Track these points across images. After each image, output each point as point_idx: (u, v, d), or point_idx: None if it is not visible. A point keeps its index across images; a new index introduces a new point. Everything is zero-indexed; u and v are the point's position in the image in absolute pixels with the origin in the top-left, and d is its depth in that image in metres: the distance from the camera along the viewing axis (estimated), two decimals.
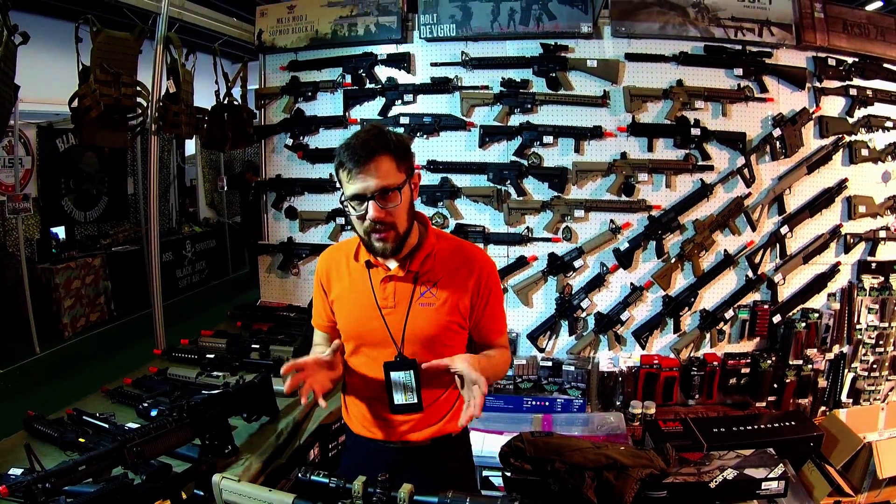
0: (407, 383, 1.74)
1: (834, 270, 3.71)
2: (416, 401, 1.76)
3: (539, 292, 3.79)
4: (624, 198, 3.64)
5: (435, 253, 1.80)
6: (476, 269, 1.81)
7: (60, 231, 7.39)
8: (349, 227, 3.89)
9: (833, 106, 3.67)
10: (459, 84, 3.70)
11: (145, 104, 3.33)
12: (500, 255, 3.77)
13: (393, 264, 1.79)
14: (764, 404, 3.66)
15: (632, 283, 3.70)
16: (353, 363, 1.87)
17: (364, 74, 3.81)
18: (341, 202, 1.68)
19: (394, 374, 1.75)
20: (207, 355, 2.95)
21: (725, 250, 3.67)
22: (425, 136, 3.75)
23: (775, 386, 3.66)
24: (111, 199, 8.26)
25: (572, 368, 3.69)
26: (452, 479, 1.80)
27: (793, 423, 3.19)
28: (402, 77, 3.80)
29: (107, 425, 2.22)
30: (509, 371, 3.56)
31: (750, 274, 3.69)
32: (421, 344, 1.76)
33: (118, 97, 3.11)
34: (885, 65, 3.71)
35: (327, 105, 3.92)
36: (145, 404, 2.38)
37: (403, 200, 1.66)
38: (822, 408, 3.75)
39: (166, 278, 7.18)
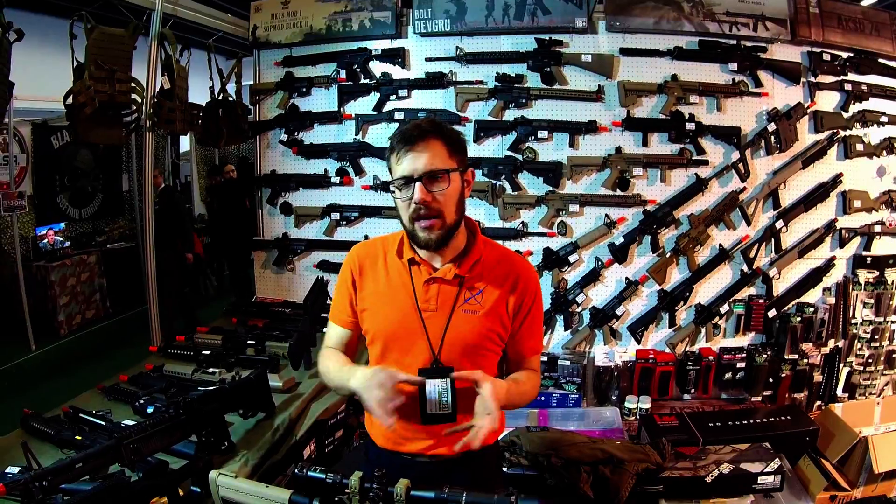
0: (442, 392, 1.63)
1: (829, 265, 3.72)
2: (450, 411, 1.63)
3: None
4: (619, 192, 3.64)
5: (483, 260, 1.74)
6: (522, 280, 1.74)
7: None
8: (344, 224, 3.90)
9: (828, 101, 3.68)
10: (454, 79, 3.69)
11: (140, 101, 3.31)
12: None
13: (439, 265, 1.72)
14: (759, 399, 3.67)
15: (627, 278, 3.71)
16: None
17: (358, 70, 3.80)
18: (390, 186, 1.63)
19: (429, 382, 1.63)
20: (203, 352, 2.94)
21: (720, 245, 3.68)
22: None
23: (771, 380, 3.67)
24: (106, 196, 8.25)
25: (568, 363, 3.69)
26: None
27: (788, 417, 3.20)
28: (396, 72, 3.79)
29: (103, 422, 2.21)
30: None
31: (745, 268, 3.70)
32: (460, 352, 1.67)
33: (113, 94, 3.09)
34: (881, 60, 3.71)
35: (322, 101, 3.91)
36: (142, 401, 2.38)
37: (452, 188, 1.61)
38: (818, 402, 3.77)
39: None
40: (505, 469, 2.52)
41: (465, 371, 1.59)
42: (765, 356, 3.62)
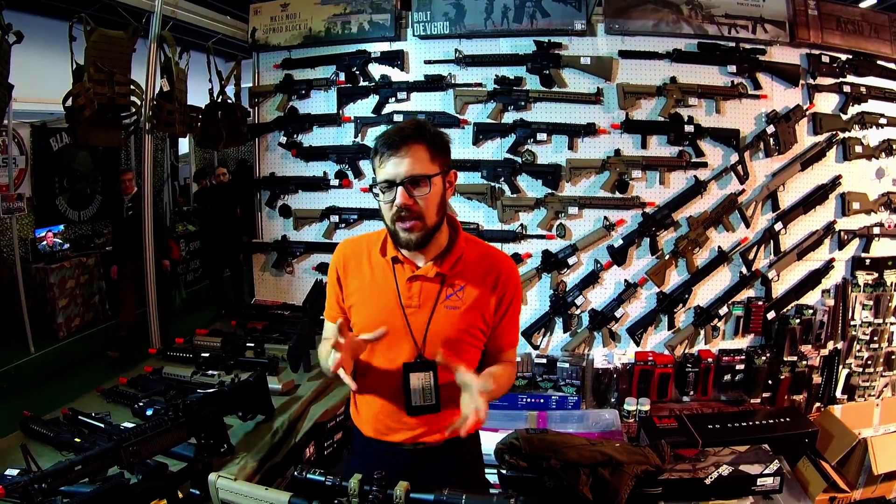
0: (426, 385, 1.71)
1: (828, 267, 3.72)
2: (434, 402, 1.72)
3: (533, 289, 3.79)
4: (618, 195, 3.65)
5: (464, 257, 1.77)
6: (503, 276, 1.78)
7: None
8: (343, 226, 3.90)
9: (827, 103, 3.69)
10: (453, 81, 3.70)
11: (139, 103, 3.32)
12: None
13: (422, 263, 1.75)
14: (759, 400, 3.67)
15: (626, 280, 3.71)
16: (367, 363, 1.80)
17: (358, 72, 3.81)
18: (371, 188, 1.67)
19: (413, 376, 1.71)
20: (202, 354, 2.94)
21: (719, 247, 3.68)
22: None
23: (770, 382, 3.67)
24: (105, 199, 8.23)
25: (567, 365, 3.69)
26: (465, 479, 1.77)
27: (788, 419, 3.20)
28: (395, 75, 3.79)
29: (102, 425, 2.21)
30: None
31: (744, 270, 3.70)
32: (442, 346, 1.68)
33: (112, 96, 3.10)
34: (879, 62, 3.72)
35: (321, 103, 3.92)
36: (141, 404, 2.38)
37: (433, 192, 1.63)
38: (817, 404, 3.77)
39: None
40: (503, 471, 2.51)
41: (453, 362, 1.60)
42: (764, 358, 3.62)
